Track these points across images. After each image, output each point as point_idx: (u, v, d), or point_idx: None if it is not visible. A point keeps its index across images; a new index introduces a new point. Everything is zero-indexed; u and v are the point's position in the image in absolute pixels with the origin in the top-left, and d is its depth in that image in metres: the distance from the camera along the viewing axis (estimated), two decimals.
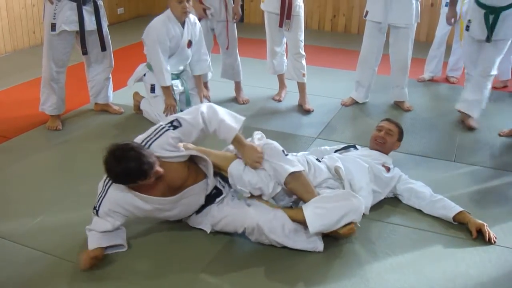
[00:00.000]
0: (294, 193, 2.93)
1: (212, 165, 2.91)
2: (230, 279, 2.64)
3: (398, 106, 4.99)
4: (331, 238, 2.91)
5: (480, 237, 2.99)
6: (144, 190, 2.71)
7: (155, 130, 2.75)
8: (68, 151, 3.99)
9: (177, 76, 4.55)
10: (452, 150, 4.12)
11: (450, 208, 3.15)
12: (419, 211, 3.24)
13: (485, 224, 3.02)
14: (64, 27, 4.11)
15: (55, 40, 4.15)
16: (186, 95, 4.58)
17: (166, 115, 4.29)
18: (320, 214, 2.75)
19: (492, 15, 4.13)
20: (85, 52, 4.32)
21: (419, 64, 6.01)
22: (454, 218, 3.11)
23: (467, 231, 3.04)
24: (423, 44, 7.19)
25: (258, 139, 2.98)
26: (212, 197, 2.97)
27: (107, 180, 2.75)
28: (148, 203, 2.75)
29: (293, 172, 2.80)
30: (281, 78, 5.16)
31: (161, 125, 2.77)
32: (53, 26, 4.09)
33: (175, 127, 2.77)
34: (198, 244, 2.90)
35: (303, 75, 4.86)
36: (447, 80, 5.74)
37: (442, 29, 5.54)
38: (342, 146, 3.64)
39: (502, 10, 4.11)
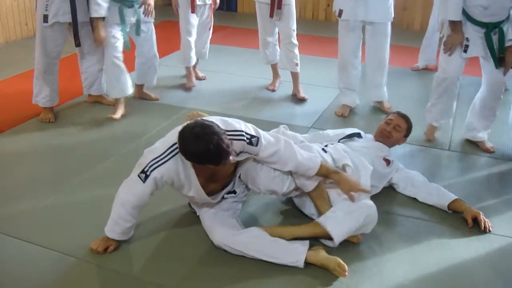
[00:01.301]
0: (311, 198, 2.94)
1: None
2: (223, 275, 2.64)
3: (378, 107, 4.71)
4: None
5: (475, 226, 2.99)
6: (198, 169, 2.66)
7: (235, 131, 2.63)
8: (62, 143, 3.96)
9: (131, 3, 4.28)
10: (447, 139, 4.13)
11: (445, 197, 3.15)
12: (414, 200, 3.25)
13: (480, 212, 3.02)
14: (56, 19, 4.07)
15: (48, 32, 4.12)
16: (137, 25, 4.37)
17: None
18: (342, 225, 2.74)
19: (493, 31, 3.60)
20: (78, 44, 4.29)
21: (413, 53, 6.01)
22: (449, 206, 3.11)
23: (462, 220, 3.05)
24: (417, 32, 7.18)
25: (282, 132, 3.04)
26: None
27: (173, 149, 2.61)
28: (194, 191, 2.73)
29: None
30: (274, 68, 5.14)
31: (243, 131, 2.65)
32: (45, 18, 4.05)
33: (251, 143, 2.67)
34: (192, 241, 2.89)
35: (296, 64, 4.84)
36: None
37: (435, 17, 5.52)
38: (346, 132, 3.49)
39: (500, 24, 3.61)
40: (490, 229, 2.97)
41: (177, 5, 4.96)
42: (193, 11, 4.89)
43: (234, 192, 2.96)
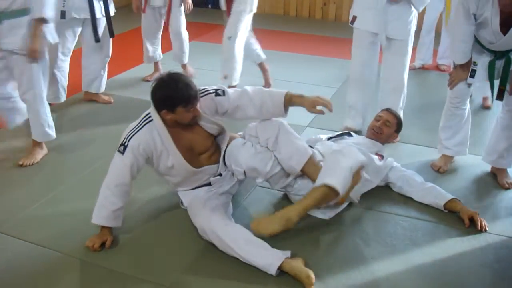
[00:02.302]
0: (307, 176, 2.91)
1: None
2: (212, 279, 2.62)
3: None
4: (320, 226, 2.93)
5: (471, 225, 2.99)
6: (174, 135, 2.79)
7: (201, 90, 2.84)
8: (58, 141, 3.93)
9: None
10: None
11: (441, 196, 3.15)
12: (410, 199, 3.25)
13: (477, 212, 3.02)
14: (74, 15, 4.08)
15: (64, 28, 4.10)
16: None
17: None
18: (335, 172, 2.72)
19: (500, 60, 3.26)
20: (98, 39, 4.29)
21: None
22: (444, 206, 3.11)
23: (458, 219, 3.05)
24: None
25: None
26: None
27: (146, 117, 2.79)
28: (172, 158, 2.81)
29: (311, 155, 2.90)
30: (260, 65, 5.07)
31: (207, 88, 2.88)
32: (62, 14, 4.04)
33: (218, 95, 2.87)
34: (183, 239, 2.88)
35: (225, 76, 4.65)
36: (437, 68, 5.73)
37: (430, 16, 5.53)
38: (336, 134, 3.57)
39: (509, 53, 3.24)
40: (486, 228, 2.97)
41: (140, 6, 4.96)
42: (143, 11, 4.94)
43: (220, 174, 3.01)
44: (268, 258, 2.58)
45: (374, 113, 3.79)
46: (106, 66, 4.61)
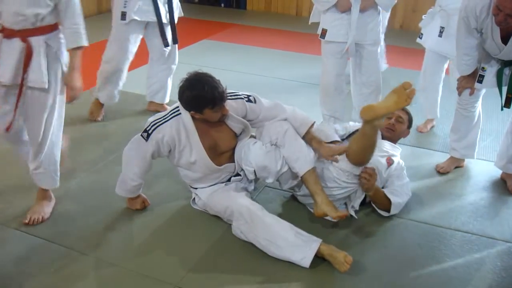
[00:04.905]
0: (304, 183, 2.92)
1: None
2: (224, 272, 2.64)
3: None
4: (328, 230, 2.95)
5: (465, 230, 2.99)
6: (201, 131, 2.83)
7: (231, 93, 2.88)
8: (73, 133, 3.95)
9: None
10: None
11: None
12: (420, 204, 3.24)
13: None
14: (134, 17, 3.92)
15: (125, 30, 3.97)
16: None
17: None
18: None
19: (508, 68, 3.28)
20: (166, 44, 4.12)
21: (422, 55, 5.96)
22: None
23: (466, 224, 3.05)
24: None
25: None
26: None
27: (175, 110, 2.84)
28: (196, 153, 2.85)
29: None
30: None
31: (239, 93, 2.92)
32: (123, 15, 3.90)
33: (249, 101, 2.91)
34: (193, 237, 2.89)
35: None
36: None
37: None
38: (350, 130, 3.46)
39: None
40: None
41: None
42: None
43: (239, 174, 3.03)
44: (308, 238, 2.64)
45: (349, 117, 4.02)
46: (172, 75, 4.35)
